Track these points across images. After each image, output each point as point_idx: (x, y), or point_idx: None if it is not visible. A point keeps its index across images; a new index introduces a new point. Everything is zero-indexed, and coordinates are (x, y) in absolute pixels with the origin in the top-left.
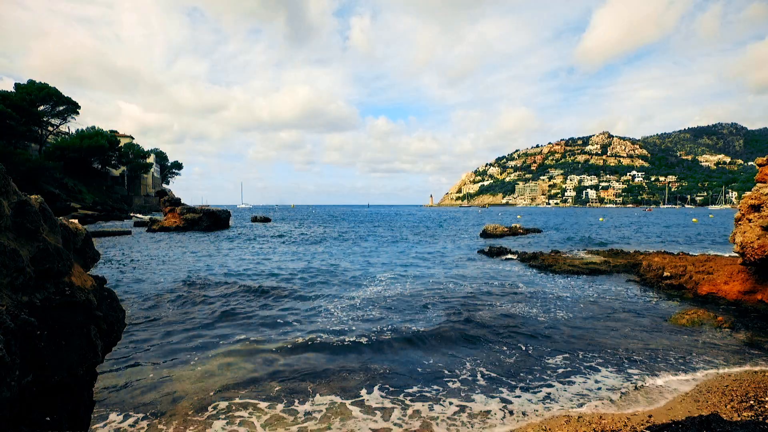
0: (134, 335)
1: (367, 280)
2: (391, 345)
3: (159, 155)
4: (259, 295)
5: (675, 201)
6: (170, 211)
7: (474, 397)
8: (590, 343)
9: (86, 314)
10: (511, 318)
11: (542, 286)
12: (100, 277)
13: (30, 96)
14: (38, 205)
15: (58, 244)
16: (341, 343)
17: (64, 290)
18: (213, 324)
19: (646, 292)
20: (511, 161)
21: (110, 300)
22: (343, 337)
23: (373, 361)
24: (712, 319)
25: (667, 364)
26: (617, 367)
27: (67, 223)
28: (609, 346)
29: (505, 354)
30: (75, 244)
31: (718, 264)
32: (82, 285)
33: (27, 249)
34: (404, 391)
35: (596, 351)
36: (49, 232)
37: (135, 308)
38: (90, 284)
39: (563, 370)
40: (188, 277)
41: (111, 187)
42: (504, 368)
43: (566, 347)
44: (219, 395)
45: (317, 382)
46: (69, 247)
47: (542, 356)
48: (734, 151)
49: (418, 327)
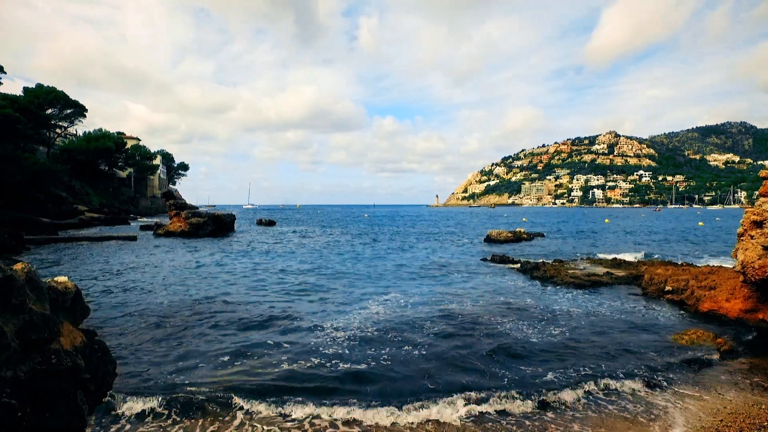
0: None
1: (365, 299)
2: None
3: (165, 156)
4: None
5: (683, 201)
6: (176, 215)
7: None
8: (588, 366)
9: (73, 379)
10: (508, 339)
11: (544, 301)
12: (90, 331)
13: (38, 99)
14: (24, 276)
15: (45, 311)
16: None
17: (50, 358)
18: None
19: (647, 308)
20: (517, 161)
21: (101, 353)
22: (336, 364)
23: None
24: (712, 340)
25: (662, 390)
26: (608, 394)
27: (55, 284)
28: (606, 368)
29: (498, 385)
30: (64, 303)
31: (721, 277)
32: (72, 343)
33: (12, 323)
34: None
35: (593, 376)
36: (35, 300)
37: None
38: (80, 340)
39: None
40: (186, 299)
41: (118, 188)
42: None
43: (563, 378)
44: None
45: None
46: (58, 307)
47: (538, 388)
48: (743, 150)
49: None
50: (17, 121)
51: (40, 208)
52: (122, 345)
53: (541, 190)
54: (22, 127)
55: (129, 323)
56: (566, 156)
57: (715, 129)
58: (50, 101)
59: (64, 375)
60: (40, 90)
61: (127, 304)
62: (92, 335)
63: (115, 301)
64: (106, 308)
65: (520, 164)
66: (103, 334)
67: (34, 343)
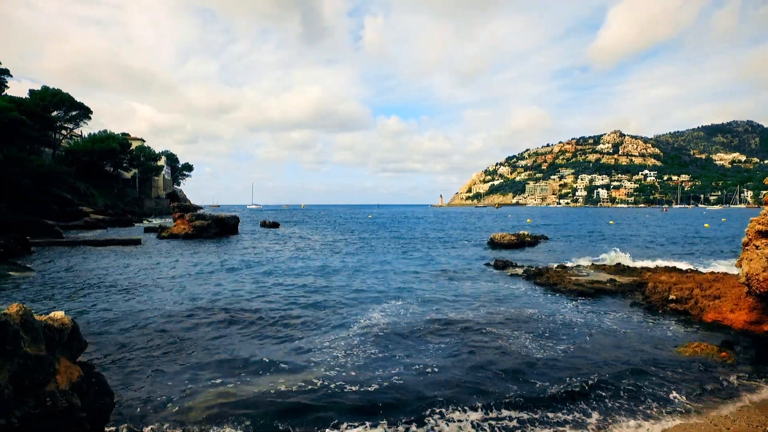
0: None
1: (368, 309)
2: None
3: (170, 157)
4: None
5: (688, 201)
6: (180, 217)
7: None
8: (588, 383)
9: (69, 419)
10: (509, 354)
11: (547, 310)
12: (88, 364)
13: (44, 102)
14: (19, 319)
15: (40, 353)
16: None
17: (44, 401)
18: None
19: (650, 317)
20: (521, 161)
21: (98, 386)
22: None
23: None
24: (716, 353)
25: (664, 409)
26: (605, 415)
27: (51, 322)
28: (606, 383)
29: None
30: (61, 340)
31: (725, 286)
32: (69, 379)
33: (6, 369)
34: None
35: (593, 392)
36: (30, 342)
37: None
38: (77, 376)
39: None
40: (183, 307)
41: (122, 189)
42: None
43: (566, 399)
44: None
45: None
46: (54, 345)
47: (536, 408)
48: (749, 149)
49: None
50: (23, 124)
51: (45, 209)
52: (119, 365)
53: (546, 190)
54: (28, 130)
55: (127, 339)
56: (571, 156)
57: (721, 128)
58: (56, 103)
59: (59, 416)
60: (45, 92)
61: (126, 317)
62: (90, 368)
63: (114, 312)
64: (105, 321)
65: (524, 164)
66: (100, 355)
67: (29, 386)
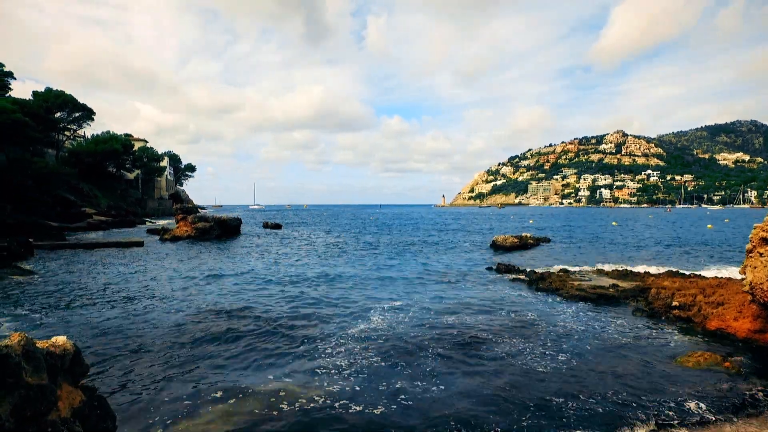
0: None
1: (365, 317)
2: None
3: (172, 158)
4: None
5: (691, 201)
6: (182, 219)
7: None
8: (588, 396)
9: None
10: (508, 364)
11: (550, 318)
12: (90, 388)
13: (47, 103)
14: (21, 350)
15: (42, 382)
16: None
17: (46, 431)
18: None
19: (653, 325)
20: (524, 160)
21: (100, 409)
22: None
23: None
24: (720, 363)
25: (667, 427)
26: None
27: (53, 349)
28: (606, 398)
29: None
30: (63, 366)
31: (729, 292)
32: (70, 405)
33: (7, 401)
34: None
35: (592, 406)
36: (32, 372)
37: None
38: (78, 401)
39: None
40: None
41: (125, 190)
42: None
43: (571, 416)
44: None
45: None
46: (56, 372)
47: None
48: (753, 149)
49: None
50: (26, 126)
51: (49, 211)
52: (119, 380)
53: (548, 190)
54: (31, 131)
55: (128, 352)
56: (573, 155)
57: (725, 128)
58: (59, 105)
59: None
60: (48, 94)
61: (127, 328)
62: (92, 392)
63: (114, 322)
64: (105, 332)
65: (526, 164)
66: (100, 369)
67: (31, 417)
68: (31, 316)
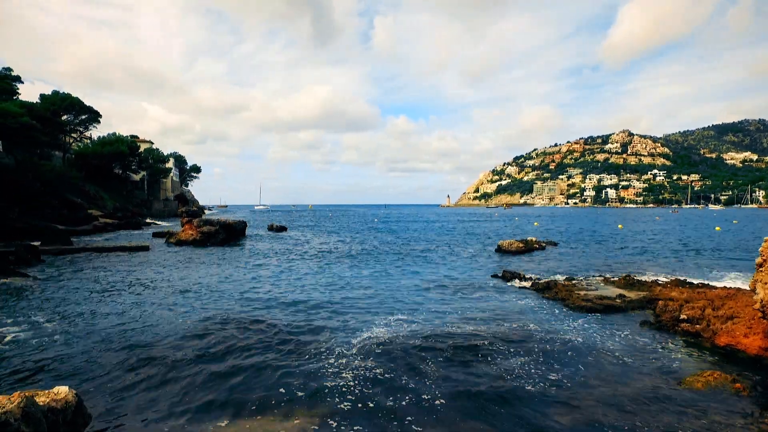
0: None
1: (368, 327)
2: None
3: (178, 159)
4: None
5: (698, 201)
6: (188, 222)
7: None
8: (595, 419)
9: None
10: (507, 385)
11: (555, 330)
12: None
13: (54, 106)
14: (20, 412)
15: None
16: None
17: None
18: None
19: (660, 339)
20: (529, 160)
21: None
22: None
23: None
24: (730, 383)
25: None
26: None
27: (55, 403)
28: (615, 419)
29: None
30: (65, 419)
31: (739, 304)
32: None
33: None
34: None
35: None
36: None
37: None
38: None
39: None
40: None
41: (131, 191)
42: None
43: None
44: None
45: None
46: (59, 425)
47: None
48: (761, 149)
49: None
50: (34, 129)
51: (55, 214)
52: (115, 401)
53: (554, 190)
54: (39, 134)
55: (130, 362)
56: (579, 155)
57: (733, 127)
58: (66, 107)
59: None
60: (55, 97)
61: (132, 335)
62: None
63: (119, 328)
64: (106, 348)
65: (532, 164)
66: (93, 386)
67: None
68: (35, 324)
